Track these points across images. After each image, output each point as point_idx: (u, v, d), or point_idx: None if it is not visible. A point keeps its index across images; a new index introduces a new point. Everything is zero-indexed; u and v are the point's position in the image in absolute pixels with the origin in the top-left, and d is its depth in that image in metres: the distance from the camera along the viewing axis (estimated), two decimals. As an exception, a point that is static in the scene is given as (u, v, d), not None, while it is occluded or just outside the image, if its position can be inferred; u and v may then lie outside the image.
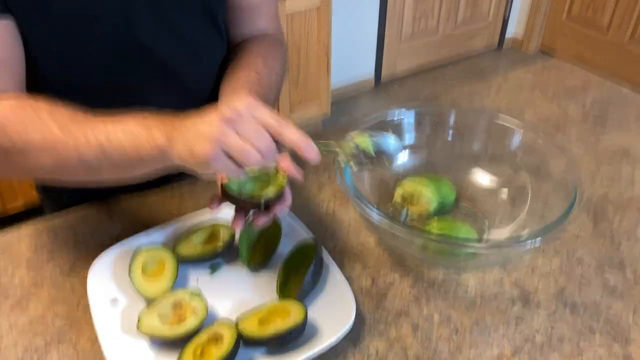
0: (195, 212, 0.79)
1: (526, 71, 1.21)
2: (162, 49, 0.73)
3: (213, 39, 0.81)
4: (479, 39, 3.43)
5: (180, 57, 0.76)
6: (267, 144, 0.51)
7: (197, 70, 0.80)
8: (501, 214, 0.79)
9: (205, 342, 0.58)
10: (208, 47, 0.81)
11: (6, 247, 0.75)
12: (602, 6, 3.04)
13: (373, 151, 0.59)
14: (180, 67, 0.77)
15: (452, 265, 0.72)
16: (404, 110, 0.83)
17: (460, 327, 0.64)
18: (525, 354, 0.61)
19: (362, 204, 0.64)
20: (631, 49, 2.98)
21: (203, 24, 0.77)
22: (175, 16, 0.73)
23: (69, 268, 0.71)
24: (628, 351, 0.62)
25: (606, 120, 1.03)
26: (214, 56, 0.83)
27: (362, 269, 0.72)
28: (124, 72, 0.73)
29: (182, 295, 0.62)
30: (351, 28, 2.82)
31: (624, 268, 0.72)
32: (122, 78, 0.73)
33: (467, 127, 0.85)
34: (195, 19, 0.75)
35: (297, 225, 0.74)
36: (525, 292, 0.69)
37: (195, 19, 0.75)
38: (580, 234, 0.78)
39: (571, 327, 0.65)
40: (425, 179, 0.79)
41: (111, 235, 0.76)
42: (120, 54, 0.71)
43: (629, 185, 0.87)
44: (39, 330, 0.64)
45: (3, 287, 0.69)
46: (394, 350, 0.62)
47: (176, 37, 0.74)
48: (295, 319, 0.59)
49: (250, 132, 0.50)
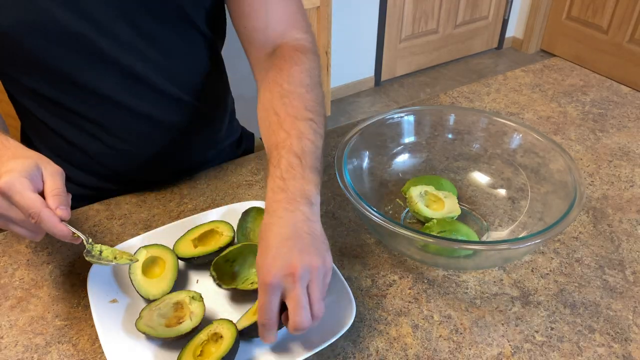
0: (195, 212, 0.79)
1: (526, 71, 1.21)
2: (128, 56, 0.72)
3: (193, 44, 0.78)
4: (478, 39, 3.43)
5: (151, 64, 0.75)
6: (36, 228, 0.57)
7: (175, 76, 0.79)
8: (501, 214, 0.79)
9: (205, 341, 0.58)
10: (188, 53, 0.78)
11: (6, 247, 0.75)
12: (602, 6, 3.04)
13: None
14: (153, 74, 0.75)
15: (452, 265, 0.72)
16: (404, 110, 0.83)
17: (460, 327, 0.64)
18: (525, 354, 0.61)
19: (362, 204, 0.64)
20: (631, 49, 2.98)
21: (179, 29, 0.75)
22: (143, 21, 0.71)
23: (69, 268, 0.71)
24: (628, 351, 0.62)
25: (606, 120, 1.04)
26: (196, 62, 0.81)
27: (362, 269, 0.72)
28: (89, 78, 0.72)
29: (183, 297, 0.63)
30: (351, 28, 2.82)
31: (624, 268, 0.72)
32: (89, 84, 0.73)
33: (467, 127, 0.85)
34: (168, 23, 0.73)
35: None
36: (525, 292, 0.69)
37: (169, 24, 0.73)
38: (580, 234, 0.78)
39: (571, 326, 0.65)
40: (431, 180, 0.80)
41: (111, 235, 0.76)
42: (82, 60, 0.70)
43: (628, 185, 0.87)
44: (39, 330, 0.64)
45: (3, 287, 0.69)
46: (394, 350, 0.62)
47: (144, 45, 0.72)
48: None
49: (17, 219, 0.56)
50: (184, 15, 0.74)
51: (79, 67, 0.71)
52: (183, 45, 0.77)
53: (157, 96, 0.78)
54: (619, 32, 3.01)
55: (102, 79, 0.73)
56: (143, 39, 0.72)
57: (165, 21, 0.73)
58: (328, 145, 0.96)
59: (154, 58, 0.75)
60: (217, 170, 0.89)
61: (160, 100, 0.79)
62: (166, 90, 0.78)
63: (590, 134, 0.99)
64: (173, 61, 0.77)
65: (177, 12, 0.73)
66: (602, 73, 1.25)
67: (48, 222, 0.54)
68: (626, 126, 1.02)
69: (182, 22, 0.75)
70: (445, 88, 3.12)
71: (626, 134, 0.99)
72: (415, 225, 0.79)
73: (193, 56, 0.80)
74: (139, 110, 0.78)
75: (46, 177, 0.57)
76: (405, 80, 3.21)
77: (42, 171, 0.57)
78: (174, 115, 0.82)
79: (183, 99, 0.81)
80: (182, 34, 0.76)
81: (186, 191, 0.85)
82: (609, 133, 1.00)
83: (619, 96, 1.11)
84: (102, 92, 0.74)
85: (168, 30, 0.74)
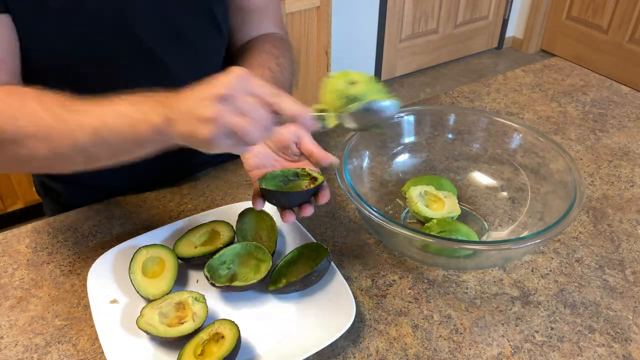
0: (195, 212, 0.79)
1: (526, 71, 1.21)
2: (162, 49, 0.73)
3: (214, 40, 0.81)
4: (478, 39, 3.43)
5: (179, 58, 0.76)
6: (265, 117, 0.50)
7: (196, 71, 0.78)
8: (501, 214, 0.79)
9: (206, 340, 0.58)
10: (209, 49, 0.81)
11: (6, 247, 0.75)
12: (602, 6, 3.04)
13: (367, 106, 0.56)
14: (179, 68, 0.76)
15: (452, 265, 0.72)
16: (404, 110, 0.83)
17: (460, 327, 0.64)
18: (525, 354, 0.61)
19: (362, 204, 0.64)
20: (631, 49, 2.98)
21: (204, 25, 0.77)
22: (176, 16, 0.72)
23: (69, 268, 0.71)
24: (628, 351, 0.62)
25: (606, 120, 1.03)
26: (214, 57, 0.83)
27: (362, 269, 0.72)
28: (120, 70, 0.72)
29: (186, 297, 0.62)
30: (351, 28, 2.82)
31: (624, 268, 0.72)
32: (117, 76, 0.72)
33: (467, 127, 0.85)
34: (196, 19, 0.75)
35: (299, 227, 0.74)
36: (525, 292, 0.69)
37: (196, 20, 0.75)
38: (580, 234, 0.78)
39: (571, 326, 0.65)
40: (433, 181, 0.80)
41: (111, 235, 0.76)
42: (119, 52, 0.71)
43: (628, 185, 0.87)
44: (39, 330, 0.64)
45: (3, 287, 0.69)
46: (394, 350, 0.62)
47: (176, 38, 0.74)
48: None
49: (246, 107, 0.49)
50: (209, 11, 0.76)
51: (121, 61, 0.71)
52: (205, 43, 0.79)
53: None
54: (619, 32, 3.00)
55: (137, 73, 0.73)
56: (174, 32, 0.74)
57: (194, 17, 0.75)
58: (328, 145, 0.96)
59: (182, 55, 0.76)
60: (217, 170, 0.89)
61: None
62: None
63: (590, 134, 0.99)
64: (198, 58, 0.79)
65: (204, 8, 0.75)
66: (602, 73, 1.25)
67: (289, 101, 0.50)
68: (626, 126, 1.02)
69: (206, 19, 0.77)
70: (445, 88, 3.12)
71: (626, 134, 0.99)
72: (415, 225, 0.79)
73: (213, 54, 0.82)
74: None
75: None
76: (405, 80, 3.21)
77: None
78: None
79: None
80: (206, 32, 0.78)
81: (186, 191, 0.85)
82: (609, 133, 1.00)
83: (619, 96, 1.11)
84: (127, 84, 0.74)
85: (195, 26, 0.76)
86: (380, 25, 2.94)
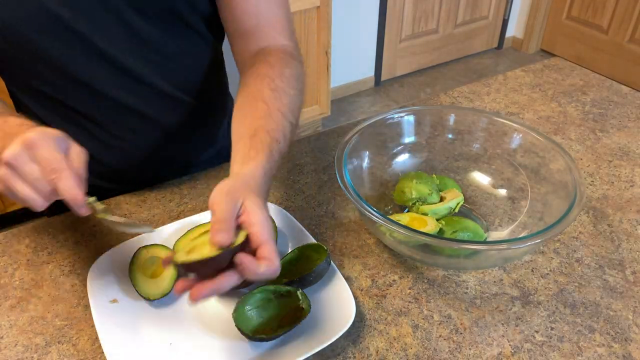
0: (195, 212, 0.79)
1: (526, 71, 1.21)
2: (120, 52, 0.72)
3: (191, 44, 0.78)
4: (478, 39, 3.43)
5: (146, 63, 0.75)
6: (46, 190, 0.52)
7: (171, 75, 0.79)
8: (501, 214, 0.79)
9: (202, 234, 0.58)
10: (185, 53, 0.78)
11: (6, 247, 0.75)
12: (602, 6, 3.04)
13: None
14: (147, 71, 0.75)
15: (452, 265, 0.72)
16: (404, 110, 0.83)
17: (460, 327, 0.64)
18: (525, 354, 0.61)
19: (362, 204, 0.64)
20: (631, 49, 2.98)
21: (175, 30, 0.75)
22: (135, 22, 0.70)
23: (69, 268, 0.71)
24: (628, 351, 0.62)
25: (606, 120, 1.03)
26: (195, 62, 0.81)
27: (362, 269, 0.72)
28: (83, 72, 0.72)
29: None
30: (351, 28, 2.83)
31: (624, 268, 0.72)
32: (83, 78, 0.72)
33: (467, 127, 0.85)
34: (159, 23, 0.73)
35: (299, 227, 0.74)
36: (525, 292, 0.69)
37: (162, 23, 0.73)
38: (580, 234, 0.78)
39: (571, 326, 0.65)
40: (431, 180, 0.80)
41: (111, 235, 0.76)
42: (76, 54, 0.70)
43: (628, 185, 0.87)
44: (39, 330, 0.64)
45: (3, 287, 0.69)
46: (394, 349, 0.62)
47: (137, 43, 0.72)
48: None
49: (29, 177, 0.52)
50: (178, 16, 0.74)
51: (74, 61, 0.70)
52: (179, 46, 0.77)
53: (151, 93, 0.78)
54: (619, 32, 3.01)
55: (95, 74, 0.73)
56: (134, 36, 0.72)
57: (156, 20, 0.72)
58: (328, 145, 0.96)
59: (148, 56, 0.75)
60: (217, 170, 0.89)
61: (155, 98, 0.79)
62: (161, 88, 0.78)
63: (590, 134, 0.99)
64: (169, 60, 0.77)
65: (169, 13, 0.73)
66: (602, 73, 1.25)
67: (68, 181, 0.52)
68: (626, 126, 1.02)
69: (177, 23, 0.75)
70: (445, 88, 3.12)
71: (626, 134, 0.99)
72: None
73: (191, 56, 0.80)
74: (133, 106, 0.78)
75: (71, 152, 0.55)
76: (405, 80, 3.21)
77: (69, 145, 0.55)
78: (169, 113, 0.82)
79: (179, 98, 0.81)
80: (178, 34, 0.76)
81: (186, 191, 0.85)
82: (609, 133, 1.00)
83: (619, 96, 1.11)
84: (96, 87, 0.74)
85: (160, 29, 0.73)
86: (380, 25, 2.94)
